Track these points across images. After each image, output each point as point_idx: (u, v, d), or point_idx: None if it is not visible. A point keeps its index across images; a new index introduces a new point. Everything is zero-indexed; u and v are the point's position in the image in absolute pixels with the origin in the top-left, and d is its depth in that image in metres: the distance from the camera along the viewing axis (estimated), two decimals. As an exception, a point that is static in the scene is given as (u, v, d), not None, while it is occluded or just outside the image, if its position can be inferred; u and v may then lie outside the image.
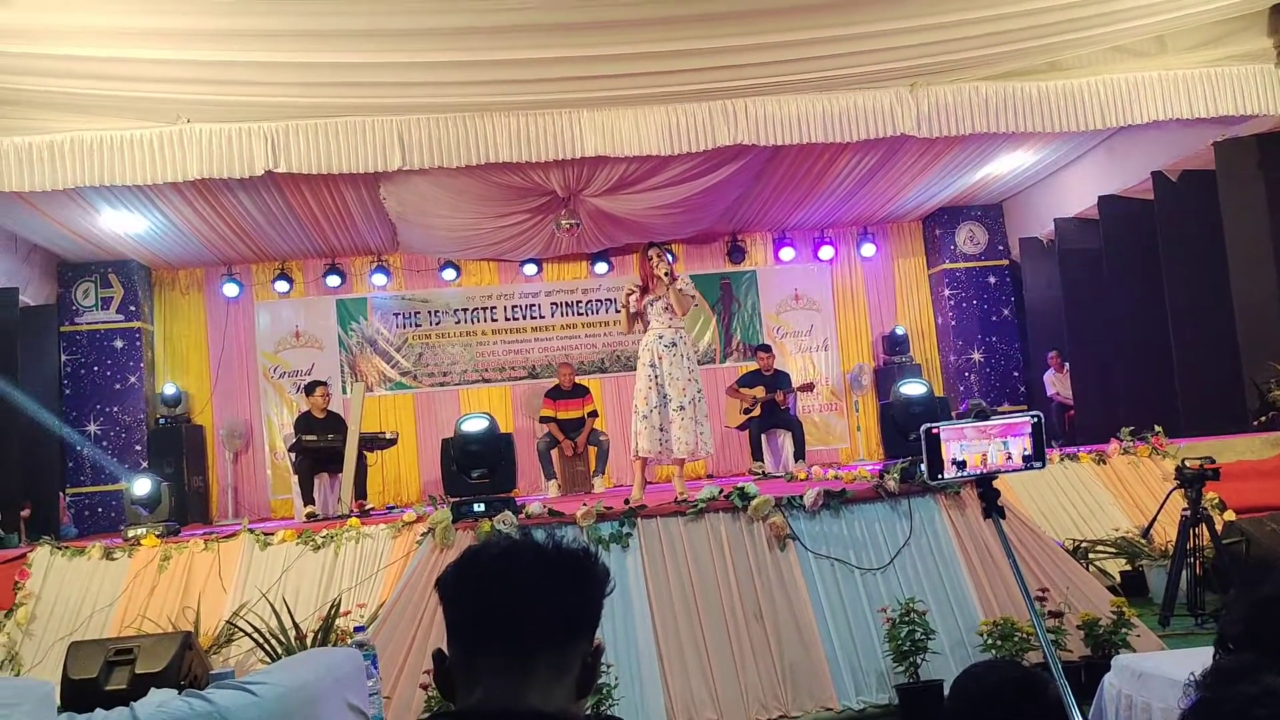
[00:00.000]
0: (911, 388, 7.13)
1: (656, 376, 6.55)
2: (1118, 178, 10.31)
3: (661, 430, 6.48)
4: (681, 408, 6.50)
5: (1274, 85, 8.13)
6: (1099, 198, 10.54)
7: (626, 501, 5.92)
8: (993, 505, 3.62)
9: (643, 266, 6.82)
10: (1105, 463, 7.63)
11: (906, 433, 6.73)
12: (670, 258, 6.91)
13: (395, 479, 11.55)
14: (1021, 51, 7.80)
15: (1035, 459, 3.64)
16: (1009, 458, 3.62)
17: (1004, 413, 3.79)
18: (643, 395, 6.58)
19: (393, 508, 9.81)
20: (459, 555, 1.49)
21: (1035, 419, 3.64)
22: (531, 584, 1.40)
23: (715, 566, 5.45)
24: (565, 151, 7.66)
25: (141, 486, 7.78)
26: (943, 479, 3.61)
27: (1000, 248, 12.54)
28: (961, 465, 3.58)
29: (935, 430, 3.58)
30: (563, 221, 9.88)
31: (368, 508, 8.94)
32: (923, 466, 5.61)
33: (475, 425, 6.73)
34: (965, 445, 3.58)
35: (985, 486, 3.65)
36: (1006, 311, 12.44)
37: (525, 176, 8.85)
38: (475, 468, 6.56)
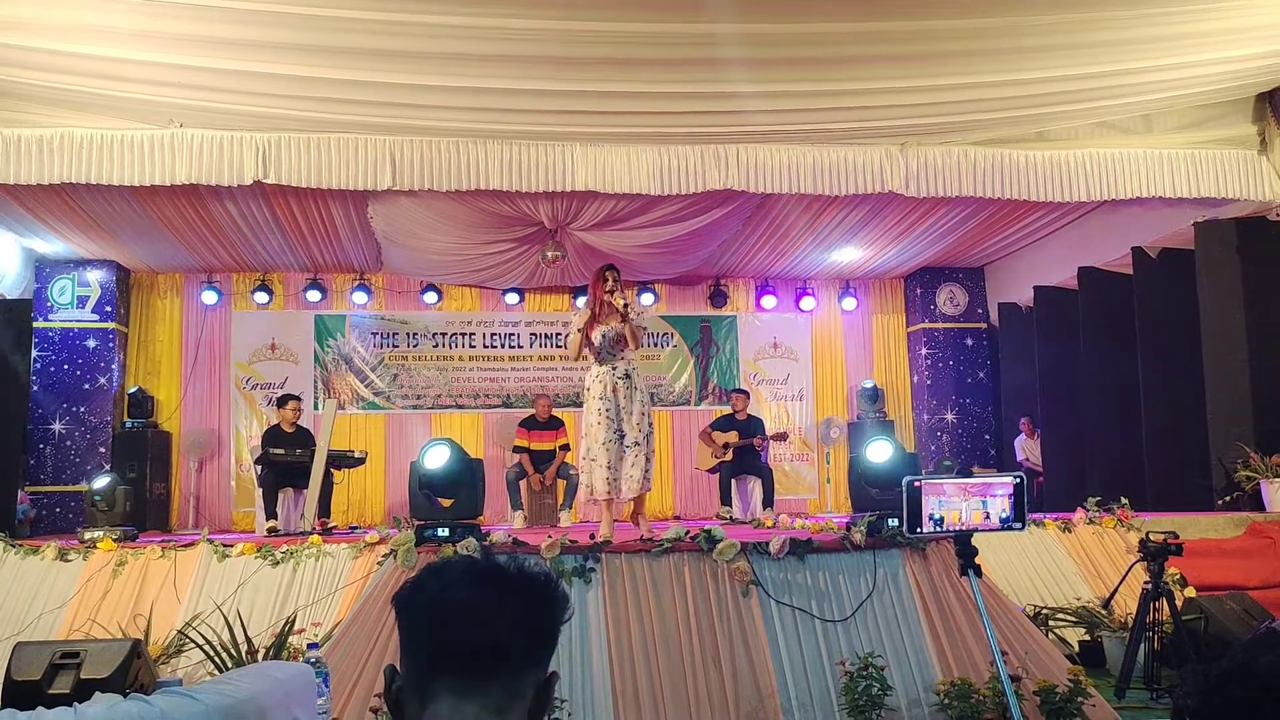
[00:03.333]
0: (878, 450, 7.00)
1: (609, 411, 6.32)
2: (1098, 251, 10.41)
3: (609, 469, 6.27)
4: (636, 444, 6.33)
5: (1255, 171, 8.26)
6: (1079, 269, 10.64)
7: (592, 536, 5.89)
8: (970, 562, 3.60)
9: (594, 289, 6.49)
10: (1070, 531, 7.63)
11: (873, 487, 6.72)
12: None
13: (361, 499, 11.46)
14: (1011, 119, 7.90)
15: (1015, 520, 3.63)
16: (986, 517, 3.61)
17: (986, 472, 3.90)
18: (594, 434, 6.34)
19: (356, 528, 9.73)
20: (418, 571, 1.48)
21: (1017, 480, 3.63)
22: (489, 603, 1.38)
23: (677, 607, 5.41)
24: (556, 183, 7.64)
25: (99, 482, 7.68)
26: (920, 533, 3.62)
27: (979, 311, 12.64)
28: (939, 521, 3.59)
29: (917, 484, 3.59)
30: (549, 253, 9.81)
31: (330, 526, 8.83)
32: (892, 520, 5.86)
33: (441, 451, 6.65)
34: (944, 501, 3.59)
35: (963, 544, 3.64)
36: (982, 374, 12.48)
37: (514, 205, 8.80)
38: (442, 492, 6.48)
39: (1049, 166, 8.05)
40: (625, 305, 6.33)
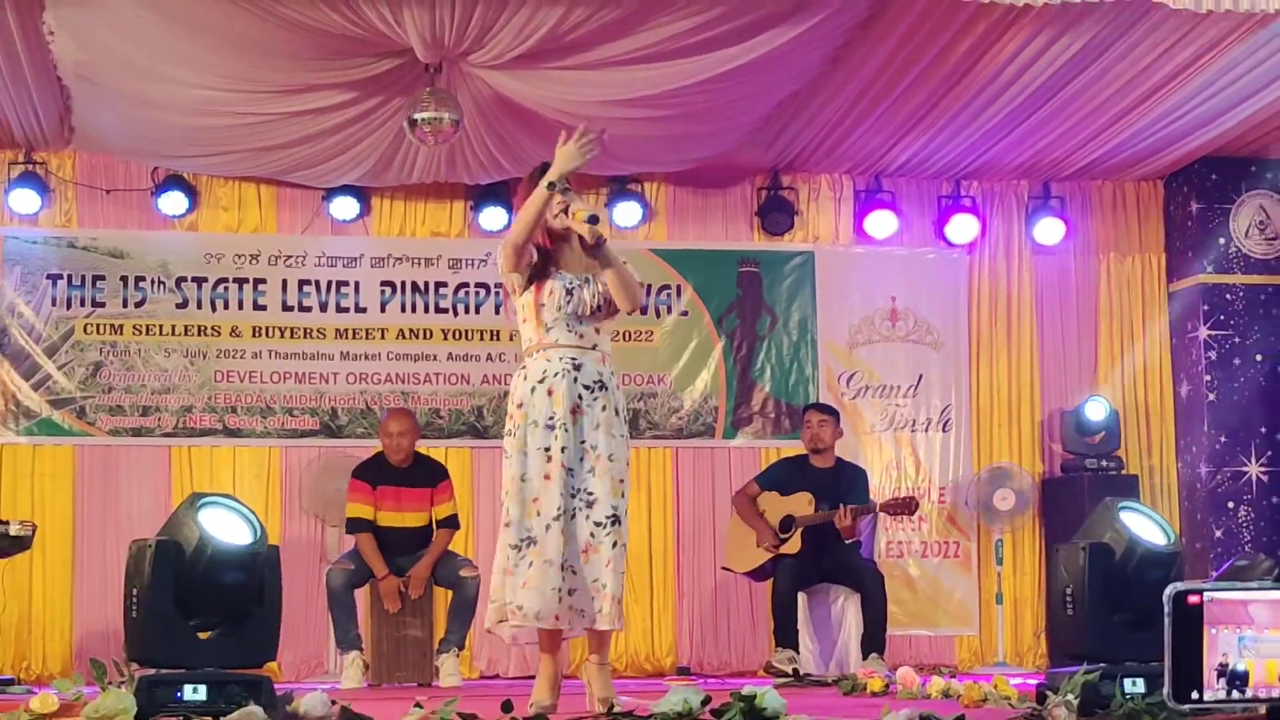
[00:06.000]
0: (1135, 521, 6.60)
1: (557, 451, 6.42)
2: None
3: (567, 569, 6.34)
4: (615, 520, 6.39)
5: None
6: None
7: (506, 706, 5.67)
8: None
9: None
10: None
11: (1114, 608, 6.41)
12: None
13: (20, 621, 10.88)
14: None
15: None
16: None
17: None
18: (530, 494, 6.45)
19: (9, 681, 9.76)
20: None
21: None
22: None
23: None
24: None
25: None
26: (1201, 704, 3.66)
27: None
28: (1239, 680, 3.59)
29: (1195, 599, 3.64)
30: (425, 114, 9.34)
31: None
32: (1133, 682, 5.84)
33: (230, 521, 6.26)
34: (1251, 640, 3.59)
35: None
36: None
37: (355, 15, 8.56)
38: (202, 611, 6.10)
39: None
40: (594, 219, 6.45)
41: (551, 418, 6.39)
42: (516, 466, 6.45)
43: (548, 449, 6.37)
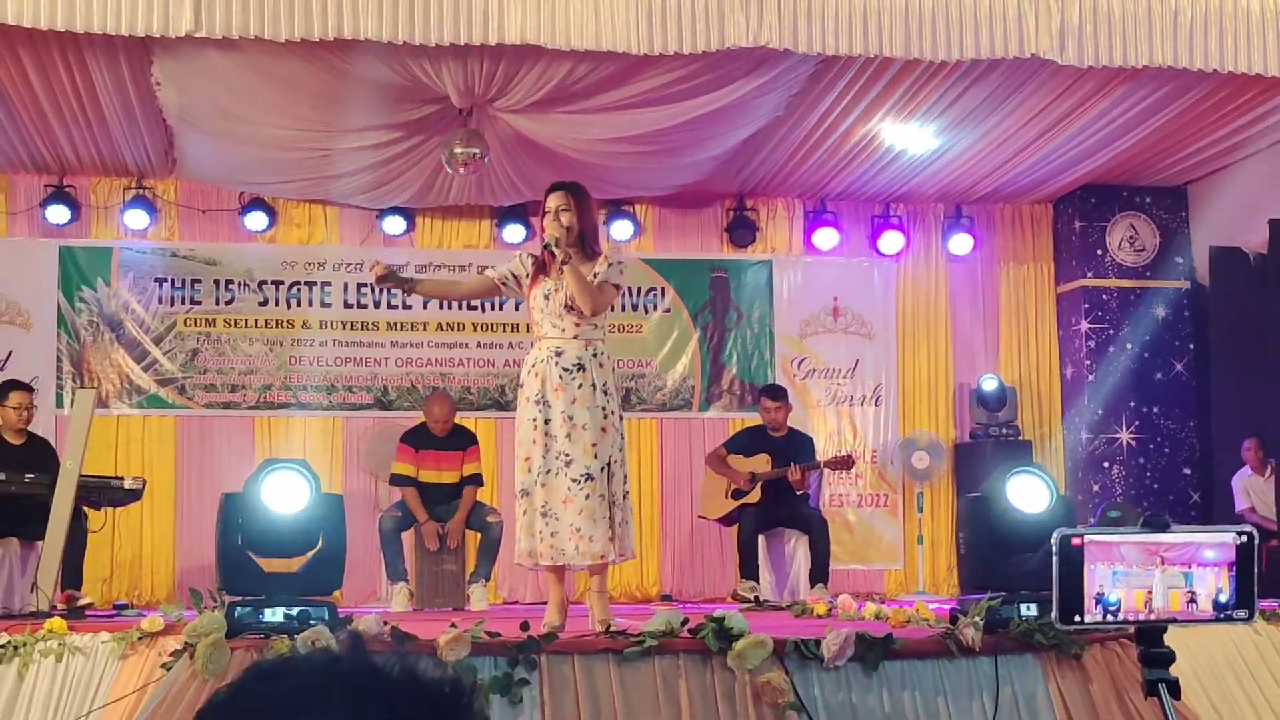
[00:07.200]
0: (1025, 486, 7.19)
1: (542, 421, 6.79)
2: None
3: (550, 516, 6.74)
4: (589, 476, 6.71)
5: None
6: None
7: (524, 626, 6.05)
8: (1161, 677, 3.69)
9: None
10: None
11: (1006, 550, 6.99)
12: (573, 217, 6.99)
13: (133, 558, 11.68)
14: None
15: (1239, 606, 3.69)
16: (1190, 600, 3.68)
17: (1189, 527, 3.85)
18: (524, 454, 6.85)
19: (124, 606, 10.18)
20: (235, 677, 1.56)
21: (1244, 538, 3.69)
22: None
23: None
24: (474, 33, 7.83)
25: None
26: (1081, 625, 3.72)
27: (1179, 260, 12.71)
28: (1112, 606, 3.69)
29: (1078, 541, 3.66)
30: (458, 149, 9.90)
31: (82, 602, 9.08)
32: (1028, 607, 6.15)
33: (292, 482, 6.84)
34: (1122, 574, 3.68)
35: (1150, 644, 3.73)
36: (1180, 366, 12.61)
37: (402, 69, 8.95)
38: (267, 551, 6.74)
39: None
40: (556, 242, 6.76)
41: (539, 394, 6.79)
42: (518, 434, 6.98)
43: (535, 419, 6.77)
